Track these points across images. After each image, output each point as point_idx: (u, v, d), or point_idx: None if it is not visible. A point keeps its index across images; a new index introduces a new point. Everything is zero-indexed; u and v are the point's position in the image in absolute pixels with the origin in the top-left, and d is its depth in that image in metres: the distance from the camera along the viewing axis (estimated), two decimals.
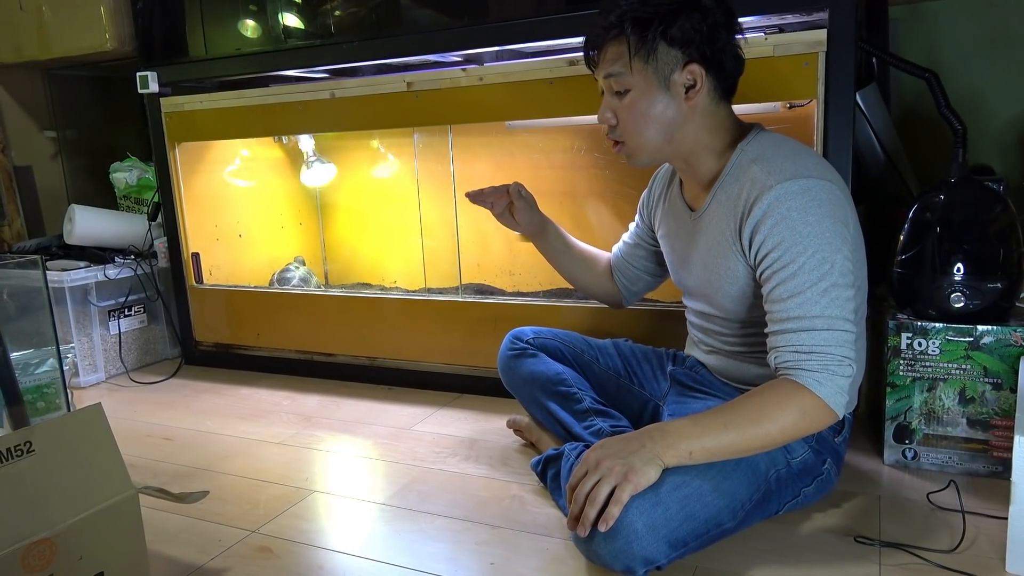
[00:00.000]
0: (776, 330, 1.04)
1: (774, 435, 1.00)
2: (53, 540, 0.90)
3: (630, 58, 1.09)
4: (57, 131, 2.62)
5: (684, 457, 0.99)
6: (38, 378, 1.61)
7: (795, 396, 0.99)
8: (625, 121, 1.13)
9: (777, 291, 1.03)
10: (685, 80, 1.10)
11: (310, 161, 2.34)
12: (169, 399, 1.97)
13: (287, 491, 1.38)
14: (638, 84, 1.10)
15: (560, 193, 2.05)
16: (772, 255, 1.04)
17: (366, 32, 1.78)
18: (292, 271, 2.33)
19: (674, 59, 1.09)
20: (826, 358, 0.99)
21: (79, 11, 2.16)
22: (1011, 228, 1.26)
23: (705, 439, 0.99)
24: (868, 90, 1.62)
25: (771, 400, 1.00)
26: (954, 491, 1.22)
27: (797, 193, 1.02)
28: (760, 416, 0.99)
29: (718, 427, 1.00)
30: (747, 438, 0.99)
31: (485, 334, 1.77)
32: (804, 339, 1.00)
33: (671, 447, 0.99)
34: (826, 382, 0.99)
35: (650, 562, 0.97)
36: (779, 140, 1.12)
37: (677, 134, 1.13)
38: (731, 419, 1.00)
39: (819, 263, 1.00)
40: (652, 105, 1.10)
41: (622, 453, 0.99)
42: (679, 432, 1.00)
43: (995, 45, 1.83)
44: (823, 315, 1.00)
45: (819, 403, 0.99)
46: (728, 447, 1.00)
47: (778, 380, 1.02)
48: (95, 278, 2.10)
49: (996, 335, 1.24)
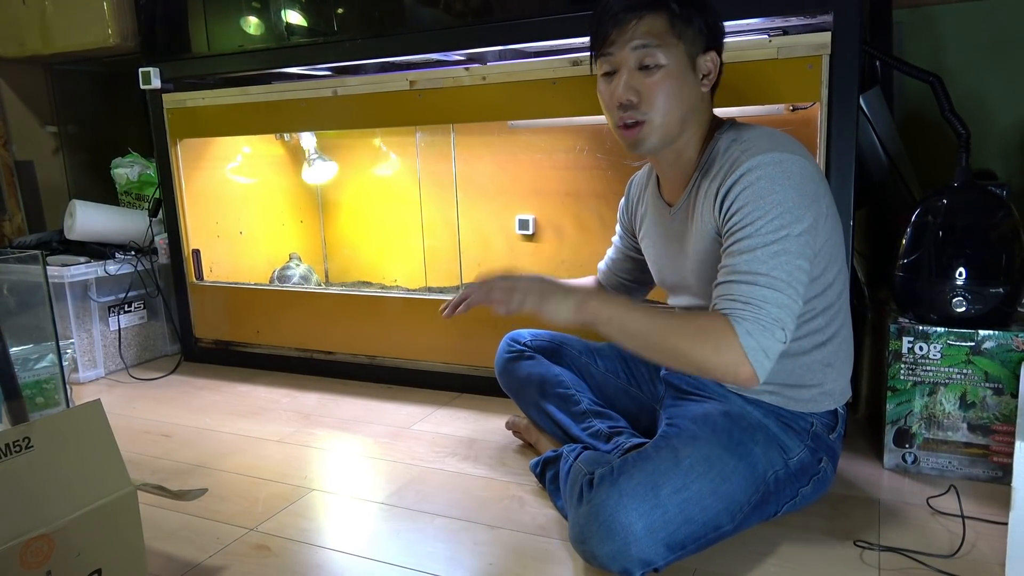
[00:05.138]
0: (720, 281, 1.03)
1: (684, 352, 1.00)
2: (51, 536, 0.90)
3: (671, 33, 1.07)
4: (59, 126, 2.62)
5: (603, 320, 1.04)
6: (37, 373, 1.60)
7: (720, 331, 0.98)
8: (654, 98, 1.08)
9: (731, 248, 1.03)
10: (705, 66, 1.11)
11: (312, 159, 2.34)
12: (168, 396, 1.96)
13: (286, 489, 1.38)
14: (673, 60, 1.07)
15: (562, 193, 2.05)
16: (735, 218, 1.03)
17: (369, 30, 1.78)
18: (292, 269, 2.33)
19: (701, 44, 1.10)
20: (760, 312, 0.98)
21: (82, 6, 2.16)
22: (1013, 233, 1.26)
23: (627, 318, 1.03)
24: (872, 93, 1.62)
25: (700, 324, 1.01)
26: (954, 496, 1.22)
27: (768, 164, 1.03)
28: (683, 331, 1.01)
29: (644, 316, 1.03)
30: (661, 340, 1.02)
31: (485, 334, 1.77)
32: (743, 291, 0.99)
33: (598, 303, 1.05)
34: (755, 334, 0.97)
35: (647, 564, 0.97)
36: (754, 126, 1.13)
37: (690, 117, 1.13)
38: (659, 320, 1.03)
39: (776, 228, 1.00)
40: (683, 84, 1.09)
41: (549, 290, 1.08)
42: (610, 300, 1.06)
43: (999, 49, 1.82)
44: (768, 274, 0.99)
45: (738, 350, 0.97)
46: (641, 337, 1.03)
47: (717, 313, 1.01)
48: (95, 274, 2.10)
49: (998, 340, 1.24)
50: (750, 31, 1.49)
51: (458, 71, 1.71)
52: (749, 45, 1.41)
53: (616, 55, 1.09)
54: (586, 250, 2.05)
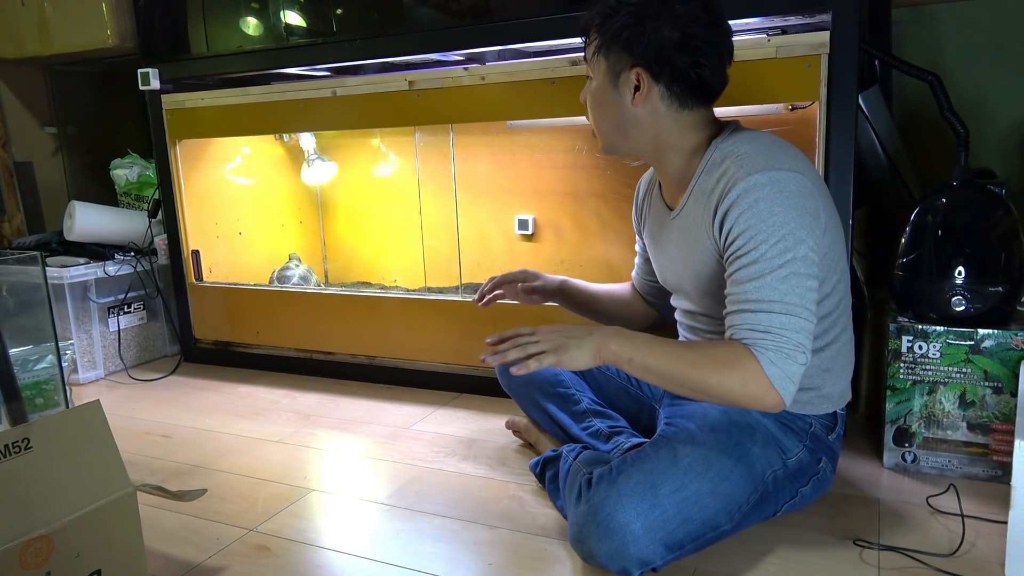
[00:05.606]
0: (733, 310, 1.03)
1: (710, 387, 1.00)
2: (50, 537, 0.90)
3: (599, 52, 1.13)
4: (58, 127, 2.62)
5: (623, 361, 1.03)
6: (37, 374, 1.60)
7: (744, 363, 0.98)
8: (589, 107, 1.18)
9: (738, 275, 1.03)
10: (632, 82, 1.11)
11: (311, 159, 2.34)
12: (168, 396, 1.96)
13: (285, 490, 1.38)
14: (597, 75, 1.15)
15: (561, 193, 2.05)
16: (737, 242, 1.04)
17: (368, 30, 1.78)
18: (292, 269, 2.33)
19: (624, 61, 1.11)
20: (781, 340, 0.98)
21: (81, 7, 2.15)
22: (1013, 232, 1.26)
23: (650, 357, 1.02)
24: (871, 92, 1.62)
25: (723, 356, 1.00)
26: (954, 495, 1.22)
27: (766, 184, 1.02)
28: (707, 363, 1.00)
29: (665, 354, 1.02)
30: (685, 376, 1.01)
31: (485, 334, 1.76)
32: (761, 319, 0.99)
33: (615, 345, 1.03)
34: (779, 362, 0.98)
35: (646, 564, 0.97)
36: (753, 135, 1.12)
37: (632, 131, 1.14)
38: (681, 354, 1.02)
39: (781, 251, 1.00)
40: (604, 97, 1.15)
41: (568, 333, 1.05)
42: (631, 340, 1.04)
43: (998, 48, 1.82)
44: (781, 300, 0.99)
45: (764, 381, 0.98)
46: (665, 374, 1.02)
47: (737, 343, 1.01)
48: (95, 275, 2.10)
49: (997, 339, 1.24)
50: (749, 31, 1.49)
51: (457, 71, 1.71)
52: (748, 45, 1.41)
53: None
54: (585, 250, 2.05)
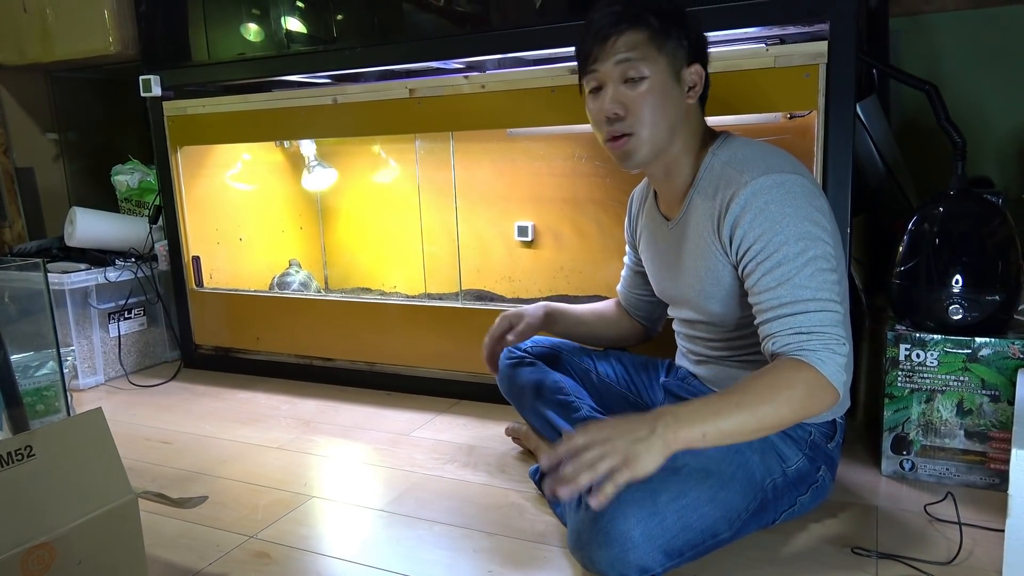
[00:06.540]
0: (770, 317, 1.04)
1: (784, 414, 0.99)
2: (52, 544, 0.90)
3: (652, 46, 1.09)
4: (59, 133, 2.63)
5: (697, 440, 0.95)
6: (38, 380, 1.61)
7: (802, 374, 0.99)
8: (639, 110, 1.10)
9: (764, 280, 1.04)
10: (690, 78, 1.12)
11: (311, 166, 2.34)
12: (168, 402, 1.97)
13: (285, 496, 1.38)
14: (656, 73, 1.09)
15: (561, 200, 2.06)
16: (754, 248, 1.04)
17: (369, 38, 1.79)
18: (292, 275, 2.33)
19: (683, 56, 1.11)
20: (825, 337, 1.00)
21: (83, 14, 2.16)
22: (1010, 240, 1.26)
23: (720, 421, 0.96)
24: (868, 101, 1.63)
25: (780, 380, 0.99)
26: (951, 503, 1.22)
27: (771, 187, 1.04)
28: (771, 395, 0.98)
29: (731, 407, 0.97)
30: (759, 417, 0.97)
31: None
32: (801, 321, 1.01)
33: (684, 430, 0.95)
34: (828, 360, 0.99)
35: (645, 571, 0.98)
36: (747, 142, 1.14)
37: (679, 130, 1.14)
38: (743, 399, 0.98)
39: (802, 250, 1.02)
40: (667, 96, 1.10)
41: (629, 436, 0.94)
42: (693, 415, 0.96)
43: (995, 57, 1.83)
44: (815, 298, 1.01)
45: (824, 381, 0.99)
46: (742, 428, 0.97)
47: (782, 360, 1.01)
48: (95, 280, 2.10)
49: (994, 347, 1.25)
50: (747, 40, 1.49)
51: (457, 79, 1.71)
52: (746, 54, 1.42)
53: (600, 71, 1.11)
54: (585, 257, 2.06)
